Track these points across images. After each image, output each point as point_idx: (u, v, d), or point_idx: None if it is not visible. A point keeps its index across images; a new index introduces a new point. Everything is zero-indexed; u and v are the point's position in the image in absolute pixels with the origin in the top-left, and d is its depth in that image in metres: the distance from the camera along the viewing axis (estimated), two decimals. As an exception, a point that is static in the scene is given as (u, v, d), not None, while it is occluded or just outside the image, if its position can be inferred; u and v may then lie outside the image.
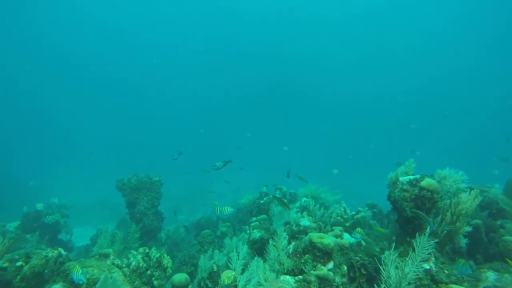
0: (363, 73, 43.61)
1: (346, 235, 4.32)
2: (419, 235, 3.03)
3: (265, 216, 6.12)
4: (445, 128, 42.12)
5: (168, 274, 4.44)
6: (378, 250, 4.43)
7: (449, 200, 3.52)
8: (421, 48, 38.22)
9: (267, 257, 3.71)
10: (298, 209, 6.64)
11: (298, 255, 3.58)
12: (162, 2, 37.33)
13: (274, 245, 3.64)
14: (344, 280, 3.63)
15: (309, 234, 3.58)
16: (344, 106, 46.53)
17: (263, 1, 36.97)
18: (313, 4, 36.01)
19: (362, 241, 4.49)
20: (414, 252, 2.87)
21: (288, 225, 4.83)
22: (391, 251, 3.00)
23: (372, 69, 42.92)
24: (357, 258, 3.73)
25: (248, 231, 5.66)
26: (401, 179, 3.80)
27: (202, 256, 4.76)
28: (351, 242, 4.29)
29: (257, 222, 5.11)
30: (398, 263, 2.82)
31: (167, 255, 4.56)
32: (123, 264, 4.11)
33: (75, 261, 3.80)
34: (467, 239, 5.23)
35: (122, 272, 3.94)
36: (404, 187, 3.68)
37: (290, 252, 3.67)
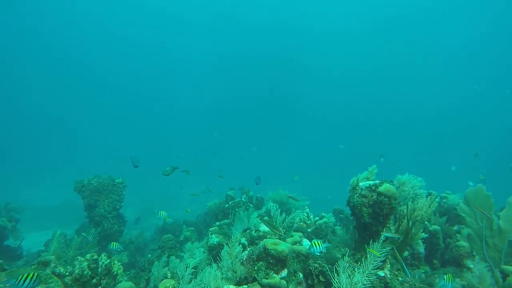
0: (360, 84, 44.63)
1: (305, 242, 4.20)
2: (373, 242, 2.94)
3: (229, 220, 5.91)
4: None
5: (118, 281, 4.12)
6: (340, 256, 4.34)
7: (405, 206, 3.46)
8: (421, 62, 39.39)
9: (220, 264, 3.50)
10: (264, 214, 6.49)
11: (251, 262, 3.40)
12: (170, 8, 38.07)
13: (228, 252, 3.44)
14: (300, 288, 3.49)
15: (264, 240, 3.42)
16: (334, 115, 47.42)
17: (266, 11, 38.00)
18: (315, 16, 37.26)
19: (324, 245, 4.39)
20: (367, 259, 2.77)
21: (248, 231, 4.64)
22: (344, 258, 2.89)
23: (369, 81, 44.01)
24: (315, 265, 3.60)
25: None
26: (360, 184, 3.73)
27: (156, 262, 4.49)
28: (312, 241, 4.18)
29: (216, 227, 4.89)
30: (351, 271, 2.71)
31: (118, 261, 4.24)
32: (66, 272, 3.75)
33: (7, 271, 3.41)
34: (425, 244, 5.30)
35: (63, 281, 3.59)
36: (363, 192, 3.60)
37: (244, 259, 3.48)
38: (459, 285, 3.93)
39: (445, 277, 3.06)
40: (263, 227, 4.48)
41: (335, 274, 2.74)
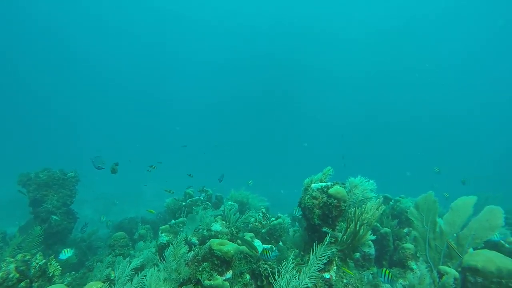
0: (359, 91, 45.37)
1: (257, 242, 4.12)
2: (318, 245, 2.93)
3: (184, 219, 5.72)
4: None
5: (53, 283, 3.81)
6: (292, 257, 4.32)
7: (354, 209, 3.49)
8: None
9: (164, 265, 3.33)
10: (221, 213, 6.37)
11: (196, 263, 3.27)
12: (174, 8, 38.46)
13: (173, 253, 3.28)
14: (246, 290, 3.40)
15: (211, 240, 3.29)
16: (333, 117, 48.14)
17: (270, 13, 38.64)
18: (318, 19, 38.15)
19: (274, 248, 4.34)
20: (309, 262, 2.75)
21: (200, 230, 4.50)
22: (289, 260, 2.84)
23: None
24: (265, 266, 3.54)
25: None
26: (312, 185, 3.71)
27: (99, 263, 4.22)
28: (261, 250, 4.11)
29: (168, 226, 4.69)
30: (294, 273, 2.67)
31: (55, 261, 3.92)
32: (-9, 273, 3.40)
33: None
34: (376, 246, 5.44)
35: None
36: (314, 194, 3.59)
37: (189, 259, 3.34)
38: (401, 285, 4.06)
39: (383, 271, 3.11)
40: (216, 226, 4.36)
41: (277, 276, 2.69)
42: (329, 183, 3.72)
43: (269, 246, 4.34)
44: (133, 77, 47.16)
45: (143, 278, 2.87)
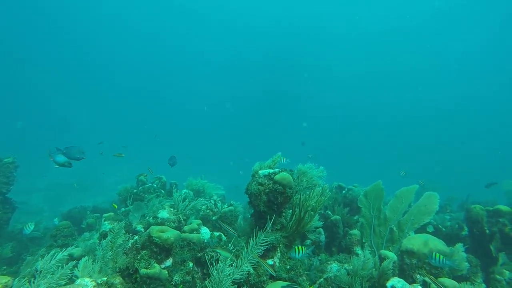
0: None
1: (204, 229, 4.01)
2: (259, 232, 2.88)
3: (133, 207, 5.46)
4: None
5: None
6: (243, 244, 4.26)
7: (300, 196, 3.49)
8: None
9: (99, 254, 3.12)
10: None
11: (135, 251, 3.09)
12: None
13: (111, 241, 3.07)
14: (188, 278, 3.29)
15: (151, 227, 3.13)
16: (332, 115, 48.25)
17: (273, 13, 38.91)
18: (321, 20, 38.58)
19: (223, 236, 4.27)
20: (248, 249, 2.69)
21: (147, 217, 4.30)
22: (228, 247, 2.77)
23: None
24: (212, 254, 3.45)
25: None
26: (260, 172, 3.66)
27: (29, 256, 3.89)
28: (209, 237, 4.01)
29: (112, 213, 4.43)
30: (229, 261, 2.60)
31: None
32: None
33: None
34: (327, 233, 5.57)
35: None
36: (261, 180, 3.53)
37: (128, 248, 3.16)
38: (345, 270, 4.17)
39: (295, 248, 3.14)
40: (162, 214, 4.18)
41: (214, 264, 2.60)
42: (276, 170, 3.68)
43: (218, 233, 4.26)
44: (132, 74, 46.91)
45: (72, 270, 2.65)
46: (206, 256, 3.44)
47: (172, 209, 4.41)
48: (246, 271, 3.02)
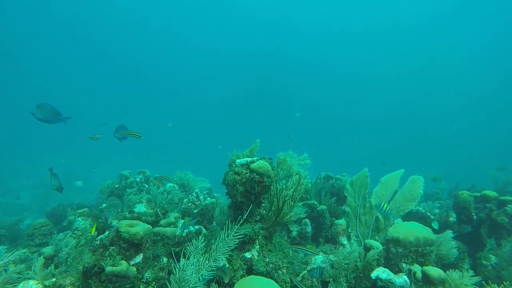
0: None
1: (181, 223, 3.82)
2: (241, 222, 2.69)
3: (115, 202, 5.26)
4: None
5: None
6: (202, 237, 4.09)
7: (277, 185, 3.31)
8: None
9: (64, 253, 2.92)
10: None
11: (102, 248, 2.90)
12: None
13: (75, 239, 2.87)
14: (162, 274, 3.11)
15: (120, 222, 2.93)
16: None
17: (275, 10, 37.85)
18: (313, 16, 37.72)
19: (203, 229, 4.09)
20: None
21: (123, 212, 4.10)
22: (198, 239, 2.58)
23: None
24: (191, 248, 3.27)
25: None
26: (237, 161, 3.47)
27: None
28: (187, 231, 3.83)
29: (86, 209, 4.21)
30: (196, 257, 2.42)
31: None
32: None
33: None
34: (313, 224, 5.42)
35: None
36: (237, 169, 3.35)
37: (96, 245, 2.96)
38: (330, 261, 4.03)
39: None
40: (139, 208, 3.98)
41: (182, 259, 2.42)
42: (255, 158, 3.50)
43: (198, 227, 4.07)
44: (125, 62, 45.93)
45: (27, 270, 2.45)
46: (186, 251, 3.26)
47: (150, 203, 4.22)
48: (221, 265, 2.85)
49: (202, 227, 4.06)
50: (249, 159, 3.46)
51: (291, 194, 3.19)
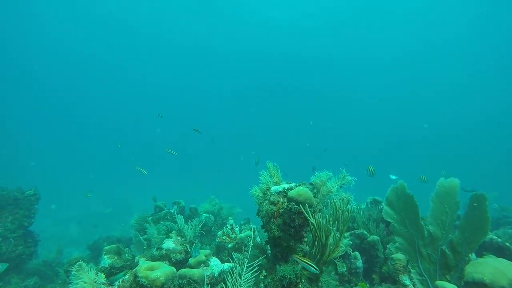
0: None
1: (214, 261, 3.32)
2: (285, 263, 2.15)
3: (146, 236, 4.91)
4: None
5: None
6: (262, 278, 3.50)
7: (318, 215, 2.71)
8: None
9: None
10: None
11: (120, 296, 2.47)
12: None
13: (86, 281, 2.48)
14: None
15: (139, 264, 2.50)
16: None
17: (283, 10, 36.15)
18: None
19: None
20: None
21: (151, 249, 3.70)
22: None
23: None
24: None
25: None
26: (272, 188, 2.96)
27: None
28: (220, 270, 3.31)
29: (115, 245, 3.87)
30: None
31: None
32: None
33: None
34: (364, 257, 4.63)
35: None
36: (273, 198, 2.83)
37: (114, 291, 2.54)
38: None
39: None
40: (167, 244, 3.56)
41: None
42: (292, 184, 2.97)
43: (231, 264, 3.54)
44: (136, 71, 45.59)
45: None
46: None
47: (179, 238, 3.78)
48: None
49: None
50: (286, 186, 2.94)
51: (335, 224, 2.59)
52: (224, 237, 4.40)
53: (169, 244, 3.56)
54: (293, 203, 2.67)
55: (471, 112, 41.76)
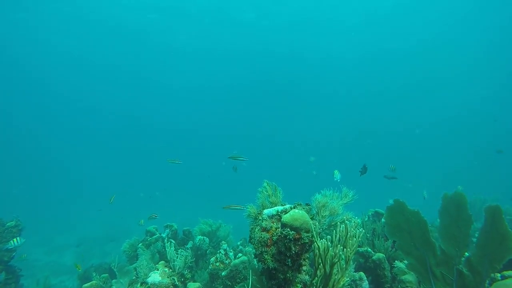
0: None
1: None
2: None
3: (135, 265, 4.50)
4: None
5: None
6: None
7: (318, 242, 2.35)
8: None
9: None
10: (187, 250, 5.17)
11: None
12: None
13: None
14: None
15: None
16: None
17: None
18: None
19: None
20: None
21: (133, 285, 3.30)
22: None
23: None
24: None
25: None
26: (264, 212, 2.61)
27: None
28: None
29: (94, 281, 3.47)
30: None
31: None
32: None
33: None
34: (370, 277, 4.26)
35: None
36: (265, 223, 2.48)
37: None
38: None
39: None
40: (153, 277, 3.17)
41: None
42: (287, 206, 2.63)
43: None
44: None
45: None
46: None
47: (166, 270, 3.39)
48: None
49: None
50: (280, 208, 2.60)
51: (342, 252, 2.23)
52: (217, 264, 4.00)
53: (155, 277, 3.17)
54: (288, 229, 2.32)
55: (466, 107, 41.30)
